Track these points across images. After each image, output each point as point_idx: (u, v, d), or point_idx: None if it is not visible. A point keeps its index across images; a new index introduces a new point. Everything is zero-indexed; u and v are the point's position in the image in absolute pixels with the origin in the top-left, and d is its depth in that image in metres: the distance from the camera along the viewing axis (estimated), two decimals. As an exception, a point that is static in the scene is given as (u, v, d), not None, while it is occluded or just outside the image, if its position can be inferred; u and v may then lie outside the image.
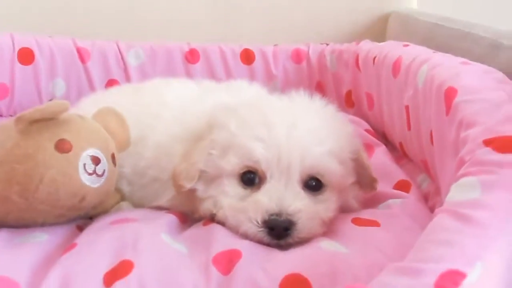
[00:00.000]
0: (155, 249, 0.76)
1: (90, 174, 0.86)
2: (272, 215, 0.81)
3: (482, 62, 0.93)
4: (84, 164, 0.86)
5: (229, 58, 1.52)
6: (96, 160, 0.88)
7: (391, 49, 1.16)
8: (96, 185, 0.88)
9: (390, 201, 0.95)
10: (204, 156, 0.89)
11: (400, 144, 1.11)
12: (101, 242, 0.77)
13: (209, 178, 0.90)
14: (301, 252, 0.77)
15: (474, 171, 0.66)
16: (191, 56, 1.51)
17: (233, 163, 0.86)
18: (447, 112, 0.80)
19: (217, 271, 0.73)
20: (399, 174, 1.06)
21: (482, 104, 0.75)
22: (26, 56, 1.43)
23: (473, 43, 1.02)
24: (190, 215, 0.94)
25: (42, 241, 0.82)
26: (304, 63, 1.51)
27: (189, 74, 1.51)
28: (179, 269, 0.73)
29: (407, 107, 1.01)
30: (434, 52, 1.02)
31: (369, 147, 1.16)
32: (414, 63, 1.00)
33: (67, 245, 0.80)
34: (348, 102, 1.43)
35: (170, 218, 0.89)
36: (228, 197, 0.87)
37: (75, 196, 0.86)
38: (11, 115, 1.46)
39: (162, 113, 1.02)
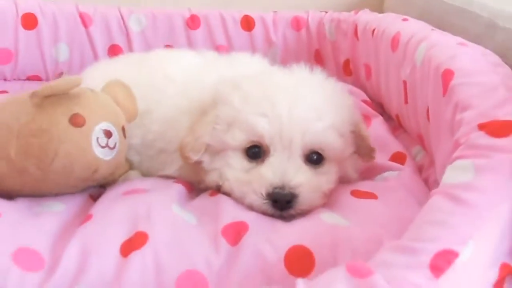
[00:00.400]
0: (167, 220, 0.81)
1: (102, 147, 0.90)
2: (275, 188, 0.86)
3: (479, 42, 0.97)
4: (97, 138, 0.90)
5: (229, 24, 1.54)
6: (108, 134, 0.91)
7: (390, 23, 1.19)
8: (108, 158, 0.92)
9: (387, 173, 1.00)
10: (209, 130, 0.93)
11: (397, 116, 1.16)
12: (115, 213, 0.82)
13: (214, 150, 0.94)
14: (304, 224, 0.82)
15: (468, 154, 0.71)
16: (192, 22, 1.53)
17: (238, 138, 0.91)
18: (444, 93, 0.84)
19: (226, 242, 0.78)
20: (395, 146, 1.10)
21: (477, 88, 0.80)
22: (29, 21, 1.45)
23: (470, 21, 1.05)
24: (196, 185, 0.99)
25: (59, 211, 0.86)
26: (303, 31, 1.54)
27: (190, 40, 1.53)
28: (190, 240, 0.78)
29: (404, 82, 1.05)
30: (432, 29, 1.05)
31: (366, 118, 1.20)
32: (413, 40, 1.03)
33: (83, 215, 0.85)
34: (346, 71, 1.46)
35: (178, 188, 0.94)
36: (233, 170, 0.91)
37: (88, 168, 0.90)
38: (15, 79, 1.49)
39: (167, 87, 1.06)
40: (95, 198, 0.95)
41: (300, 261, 0.76)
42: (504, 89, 0.78)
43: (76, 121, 0.88)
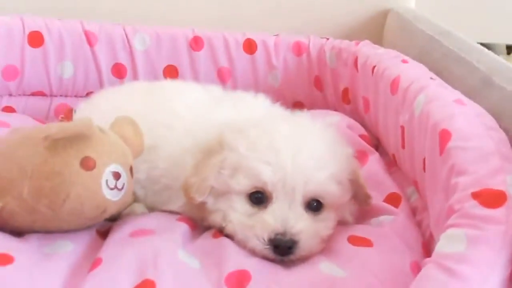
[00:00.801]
0: (173, 267, 0.85)
1: (111, 189, 0.94)
2: (277, 234, 0.91)
3: (475, 95, 1.01)
4: (107, 180, 0.94)
5: (232, 47, 1.57)
6: (117, 176, 0.95)
7: (391, 63, 1.23)
8: (116, 199, 0.95)
9: (382, 218, 1.04)
10: (215, 173, 0.98)
11: (393, 155, 1.20)
12: (123, 259, 0.86)
13: (218, 192, 0.99)
14: (304, 276, 0.86)
15: (461, 224, 0.75)
16: (195, 44, 1.56)
17: (242, 184, 0.95)
18: (441, 153, 0.89)
19: (229, 291, 0.83)
20: (390, 186, 1.15)
21: (472, 153, 0.84)
22: (35, 39, 1.47)
23: (467, 72, 1.09)
24: (199, 222, 1.03)
25: (68, 251, 0.90)
26: (304, 56, 1.57)
27: (192, 61, 1.56)
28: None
29: (402, 128, 1.09)
30: (431, 78, 1.09)
31: (363, 155, 1.24)
32: (412, 87, 1.07)
33: (92, 257, 0.89)
34: (345, 99, 1.50)
35: (182, 229, 0.98)
36: (237, 213, 0.96)
37: (97, 209, 0.94)
38: (19, 94, 1.52)
39: (174, 124, 1.10)
40: (101, 233, 0.99)
41: (300, 314, 0.80)
42: (498, 157, 0.82)
43: (87, 164, 0.92)
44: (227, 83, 1.58)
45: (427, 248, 0.98)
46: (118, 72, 1.54)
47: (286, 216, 0.93)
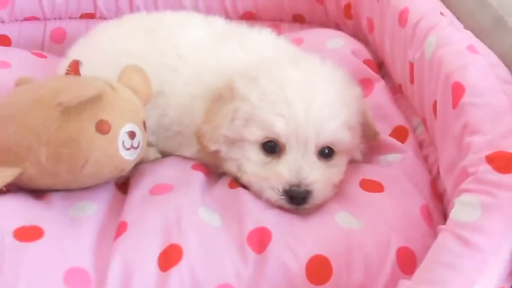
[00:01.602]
0: (196, 229, 0.88)
1: (128, 149, 0.96)
2: (292, 185, 0.94)
3: (485, 35, 1.00)
4: (123, 141, 0.95)
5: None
6: (132, 135, 0.96)
7: (398, -11, 1.19)
8: (133, 157, 0.97)
9: (390, 156, 1.07)
10: (227, 121, 0.99)
11: (400, 86, 1.20)
12: (148, 222, 0.89)
13: (232, 141, 1.01)
14: (321, 230, 0.91)
15: (475, 189, 0.78)
16: None
17: (256, 134, 0.97)
18: (454, 106, 0.89)
19: (251, 250, 0.87)
20: (397, 118, 1.16)
21: (486, 111, 0.85)
22: (23, -38, 1.41)
23: (478, 7, 1.07)
24: (214, 169, 1.06)
25: (92, 213, 0.93)
26: (304, -32, 1.51)
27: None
28: (220, 250, 0.87)
29: (411, 64, 1.08)
30: (441, 14, 1.06)
31: (368, 82, 1.24)
32: (422, 24, 1.05)
33: (116, 218, 0.92)
34: (347, 14, 1.46)
35: (199, 179, 1.01)
36: (251, 163, 0.99)
37: (116, 169, 0.96)
38: (12, 21, 1.47)
39: (180, 68, 1.09)
40: (120, 186, 1.03)
41: (319, 270, 0.86)
42: (510, 114, 0.84)
43: (102, 128, 0.93)
44: (227, -1, 1.54)
45: (435, 187, 1.02)
46: (112, -7, 1.49)
47: (299, 166, 0.96)
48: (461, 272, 0.72)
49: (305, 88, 0.98)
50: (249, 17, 1.57)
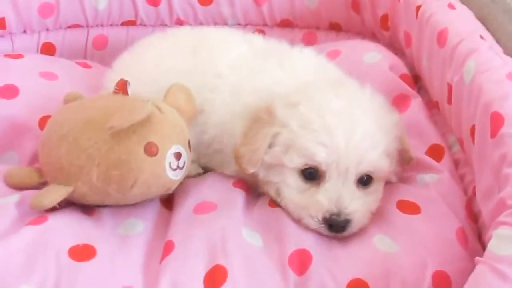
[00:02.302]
0: (240, 250, 0.92)
1: (174, 169, 1.00)
2: (332, 214, 0.97)
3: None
4: (170, 163, 0.99)
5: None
6: (178, 156, 1.00)
7: (437, 8, 1.20)
8: (179, 177, 1.01)
9: (427, 177, 1.09)
10: (265, 145, 1.01)
11: (437, 102, 1.22)
12: (193, 242, 0.93)
13: (270, 165, 1.03)
14: (360, 253, 0.94)
15: (514, 223, 0.81)
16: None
17: (296, 162, 1.00)
18: (492, 135, 0.91)
19: (292, 272, 0.91)
20: (433, 136, 1.18)
21: (527, 144, 0.87)
22: (68, -27, 1.45)
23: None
24: (254, 187, 1.09)
25: (140, 231, 0.98)
26: (341, -21, 1.53)
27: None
28: (263, 272, 0.90)
29: (449, 85, 1.10)
30: (481, 37, 1.08)
31: (404, 99, 1.26)
32: (461, 47, 1.07)
33: (163, 237, 0.96)
34: (384, 25, 1.47)
35: (241, 198, 1.04)
36: (290, 189, 1.01)
37: (163, 188, 1.01)
38: (56, 29, 1.51)
39: (219, 87, 1.13)
40: (165, 203, 1.06)
41: (358, 294, 0.89)
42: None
43: (150, 150, 0.97)
44: (263, 6, 1.56)
45: (470, 208, 1.05)
46: (154, 1, 1.52)
47: (339, 195, 0.98)
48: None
49: (346, 117, 1.00)
50: (286, 24, 1.59)
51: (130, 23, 1.55)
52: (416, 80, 1.36)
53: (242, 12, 1.56)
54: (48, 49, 1.50)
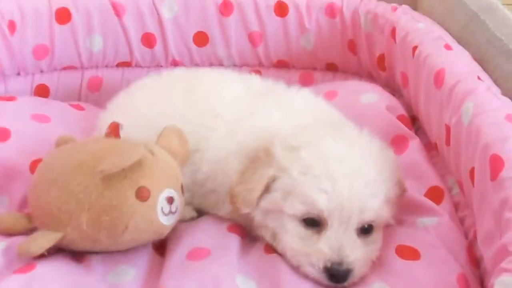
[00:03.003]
0: (234, 300, 0.89)
1: (166, 214, 0.97)
2: (333, 263, 0.93)
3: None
4: (162, 207, 0.96)
5: (262, 10, 1.53)
6: (170, 200, 0.98)
7: (433, 49, 1.19)
8: (171, 222, 0.99)
9: (426, 220, 1.06)
10: (262, 185, 0.98)
11: (435, 143, 1.20)
12: (186, 291, 0.90)
13: (267, 209, 1.00)
14: (358, 303, 0.91)
15: (516, 271, 0.78)
16: (225, 9, 1.52)
17: (297, 209, 0.96)
18: (492, 178, 0.89)
19: (289, 324, 0.88)
20: (432, 178, 1.16)
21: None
22: (63, 16, 1.44)
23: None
24: (248, 230, 1.06)
25: (131, 279, 0.94)
26: (337, 19, 1.52)
27: (223, 27, 1.53)
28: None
29: (447, 127, 1.08)
30: (479, 78, 1.07)
31: (402, 140, 1.24)
32: (459, 89, 1.05)
33: (154, 285, 0.93)
34: (381, 66, 1.47)
35: (235, 244, 1.01)
36: (289, 235, 0.98)
37: (154, 234, 0.98)
38: (51, 70, 1.51)
39: (216, 126, 1.10)
40: (158, 248, 1.03)
41: None
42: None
43: (142, 195, 0.94)
44: (259, 47, 1.55)
45: (471, 252, 1.01)
46: (148, 41, 1.52)
47: (341, 244, 0.95)
48: None
49: (347, 163, 0.97)
50: (282, 65, 1.58)
51: (125, 64, 1.55)
52: (413, 121, 1.35)
53: (237, 53, 1.56)
54: (42, 91, 1.49)
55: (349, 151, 0.99)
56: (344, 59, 1.55)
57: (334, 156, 0.97)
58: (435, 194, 1.13)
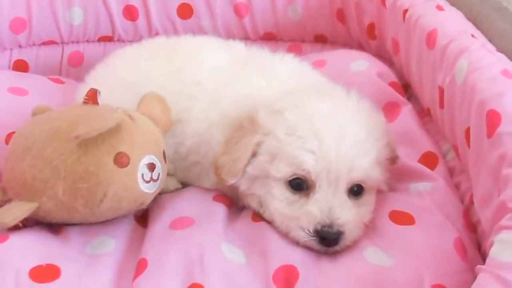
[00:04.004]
0: (219, 267, 0.84)
1: (147, 182, 0.92)
2: (324, 226, 0.89)
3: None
4: (142, 174, 0.91)
5: (248, -22, 1.48)
6: (151, 167, 0.93)
7: (425, 10, 1.14)
8: (153, 190, 0.94)
9: (421, 185, 1.02)
10: (248, 155, 0.94)
11: (428, 109, 1.16)
12: (169, 260, 0.85)
13: (254, 176, 0.96)
14: (351, 269, 0.86)
15: (516, 227, 0.73)
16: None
17: (283, 171, 0.92)
18: (489, 135, 0.85)
19: (278, 289, 0.83)
20: (425, 144, 1.11)
21: (527, 142, 0.80)
22: (40, -13, 1.39)
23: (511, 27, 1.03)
24: (235, 201, 1.02)
25: (111, 250, 0.90)
26: (325, -13, 1.47)
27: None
28: (245, 288, 0.83)
29: (441, 88, 1.04)
30: (472, 36, 1.02)
31: (395, 106, 1.20)
32: (452, 47, 1.01)
33: (136, 255, 0.89)
34: (371, 35, 1.42)
35: (221, 212, 0.97)
36: (277, 201, 0.94)
37: (135, 203, 0.93)
38: (30, 45, 1.45)
39: (197, 95, 1.06)
40: (140, 219, 0.99)
41: (348, 311, 0.81)
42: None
43: (120, 161, 0.89)
44: (245, 19, 1.50)
45: (468, 217, 0.97)
46: (130, 14, 1.47)
47: (331, 206, 0.91)
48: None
49: (335, 123, 0.93)
50: (270, 37, 1.53)
51: (107, 38, 1.49)
52: (405, 89, 1.30)
53: (223, 25, 1.50)
54: (20, 67, 1.43)
55: (336, 110, 0.95)
56: (332, 29, 1.50)
57: (321, 116, 0.93)
58: (429, 160, 1.09)
